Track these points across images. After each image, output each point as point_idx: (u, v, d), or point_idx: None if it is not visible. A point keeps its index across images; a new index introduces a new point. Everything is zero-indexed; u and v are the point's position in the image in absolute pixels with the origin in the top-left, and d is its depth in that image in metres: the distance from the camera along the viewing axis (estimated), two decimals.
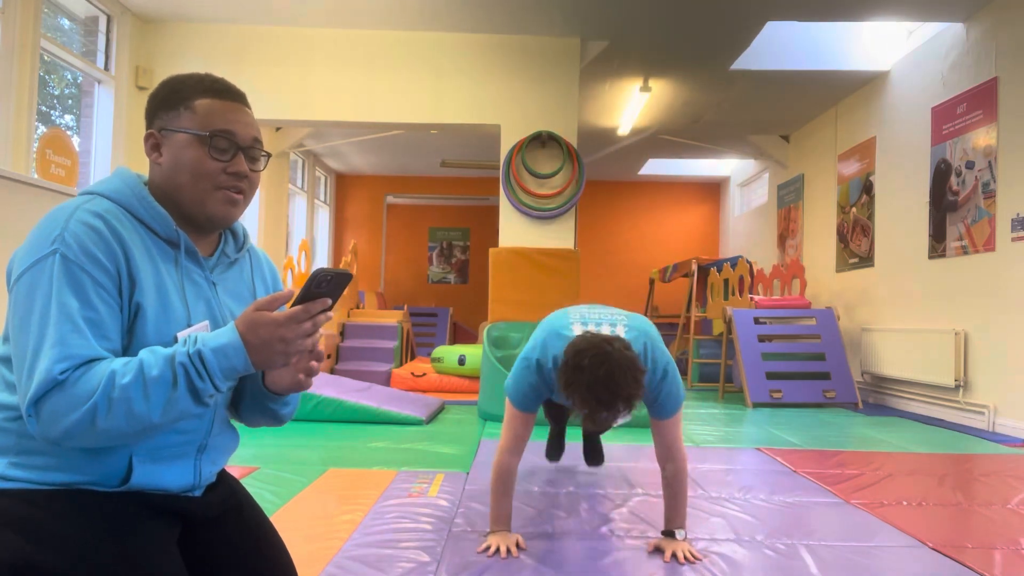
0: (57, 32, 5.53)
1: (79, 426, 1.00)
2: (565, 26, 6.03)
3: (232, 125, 1.19)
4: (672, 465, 2.12)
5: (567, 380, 1.84)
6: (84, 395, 0.99)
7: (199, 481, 1.23)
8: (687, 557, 2.05)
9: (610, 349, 1.82)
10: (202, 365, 1.03)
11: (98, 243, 1.07)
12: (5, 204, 4.11)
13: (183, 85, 1.21)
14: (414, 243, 12.13)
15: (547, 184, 6.29)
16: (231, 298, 1.27)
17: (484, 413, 4.84)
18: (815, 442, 4.24)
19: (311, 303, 1.07)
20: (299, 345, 1.08)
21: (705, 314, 7.90)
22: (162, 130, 1.19)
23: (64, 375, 1.00)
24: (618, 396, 1.78)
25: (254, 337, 1.05)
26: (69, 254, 1.05)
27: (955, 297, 5.46)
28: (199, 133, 1.17)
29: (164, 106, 1.20)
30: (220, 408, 1.26)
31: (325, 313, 1.09)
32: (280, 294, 1.08)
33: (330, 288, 1.08)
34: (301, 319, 1.06)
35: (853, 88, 7.11)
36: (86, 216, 1.08)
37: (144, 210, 1.16)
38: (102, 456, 1.10)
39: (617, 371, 1.78)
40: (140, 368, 1.02)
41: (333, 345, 7.29)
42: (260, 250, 1.41)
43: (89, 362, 1.02)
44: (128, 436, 1.04)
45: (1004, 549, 2.25)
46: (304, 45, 6.20)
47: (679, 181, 11.62)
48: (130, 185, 1.17)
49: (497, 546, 2.07)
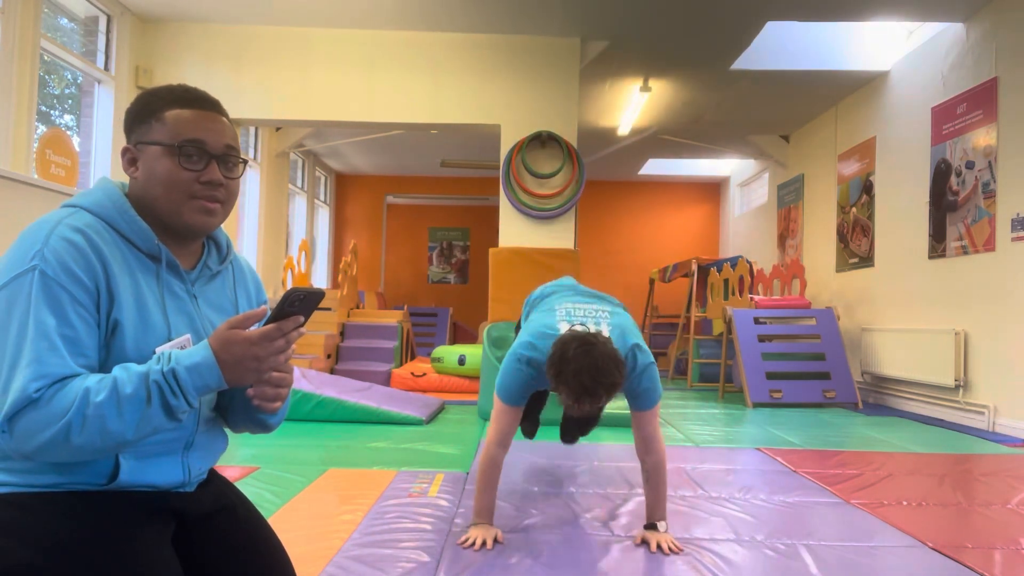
0: (57, 32, 5.53)
1: (53, 443, 1.01)
2: (565, 26, 6.03)
3: (202, 133, 1.18)
4: (651, 458, 2.21)
5: (556, 370, 2.00)
6: (58, 413, 1.00)
7: (189, 478, 1.23)
8: (671, 548, 2.14)
9: (594, 341, 2.00)
10: (176, 383, 1.04)
11: (78, 259, 1.08)
12: (5, 204, 4.11)
13: (154, 97, 1.21)
14: (414, 243, 12.13)
15: (547, 184, 6.29)
16: (213, 310, 1.27)
17: (484, 413, 4.84)
18: (815, 442, 4.24)
19: (284, 321, 1.08)
20: (272, 363, 1.09)
21: (705, 314, 7.90)
22: (137, 144, 1.20)
23: (39, 393, 1.01)
24: (600, 383, 1.95)
25: (227, 355, 1.06)
26: (48, 270, 1.05)
27: (955, 297, 5.46)
28: (168, 144, 1.17)
29: (137, 120, 1.20)
30: (205, 406, 1.25)
31: (298, 330, 1.10)
32: (254, 312, 1.09)
33: (303, 307, 1.09)
34: (274, 337, 1.08)
35: (853, 88, 7.11)
36: (67, 232, 1.09)
37: (126, 224, 1.16)
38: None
39: (600, 360, 1.96)
40: (114, 386, 1.02)
41: (333, 345, 7.29)
42: (244, 260, 1.41)
43: (64, 379, 1.03)
44: (102, 452, 1.05)
45: (1004, 549, 2.25)
46: (304, 45, 6.20)
47: (679, 181, 11.62)
48: (112, 198, 1.17)
49: (475, 538, 2.14)
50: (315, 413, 4.48)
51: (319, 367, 6.64)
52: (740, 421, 5.12)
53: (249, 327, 1.08)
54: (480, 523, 2.22)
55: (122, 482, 1.13)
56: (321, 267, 11.03)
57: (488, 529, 2.20)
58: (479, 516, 2.23)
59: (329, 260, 11.29)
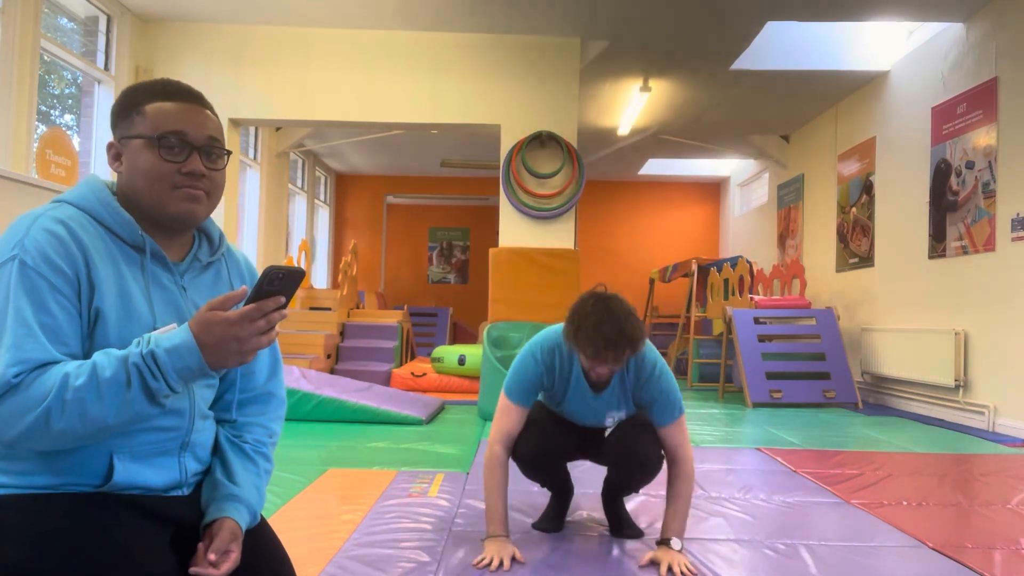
0: (57, 32, 5.53)
1: (34, 428, 1.01)
2: (565, 26, 6.03)
3: (183, 125, 1.19)
4: (676, 467, 2.09)
5: (575, 326, 1.95)
6: (38, 397, 1.00)
7: (185, 478, 1.23)
8: (683, 572, 1.93)
9: (611, 296, 2.00)
10: (155, 365, 1.03)
11: (58, 249, 1.08)
12: (5, 204, 4.11)
13: (136, 92, 1.22)
14: (414, 243, 12.13)
15: (547, 184, 6.29)
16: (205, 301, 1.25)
17: (484, 413, 4.84)
18: (815, 442, 4.24)
19: (264, 301, 1.07)
20: (254, 343, 1.07)
21: (705, 314, 7.90)
22: (121, 139, 1.20)
23: (18, 378, 1.01)
24: (623, 334, 1.91)
25: (208, 337, 1.05)
26: (28, 260, 1.06)
27: (955, 297, 5.46)
28: (149, 136, 1.17)
29: (120, 115, 1.21)
30: (201, 405, 1.25)
31: (280, 311, 1.08)
32: (233, 293, 1.08)
33: (283, 285, 1.08)
34: (254, 317, 1.06)
35: (853, 88, 7.11)
36: (48, 223, 1.10)
37: (109, 216, 1.16)
38: (82, 456, 1.11)
39: (620, 312, 1.94)
40: (93, 370, 1.02)
41: (333, 345, 7.29)
42: (239, 251, 1.41)
43: (43, 365, 1.03)
44: (84, 438, 1.05)
45: (1004, 549, 2.25)
46: (304, 45, 6.20)
47: (679, 181, 11.62)
48: (96, 192, 1.18)
49: (491, 558, 1.98)
50: (315, 413, 4.48)
51: (319, 367, 6.64)
52: (740, 421, 5.12)
53: (229, 308, 1.07)
54: (495, 536, 2.05)
55: (116, 483, 1.13)
56: (321, 267, 11.03)
57: (504, 546, 2.02)
58: (492, 526, 2.07)
59: (329, 260, 11.29)
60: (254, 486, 1.29)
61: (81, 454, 1.10)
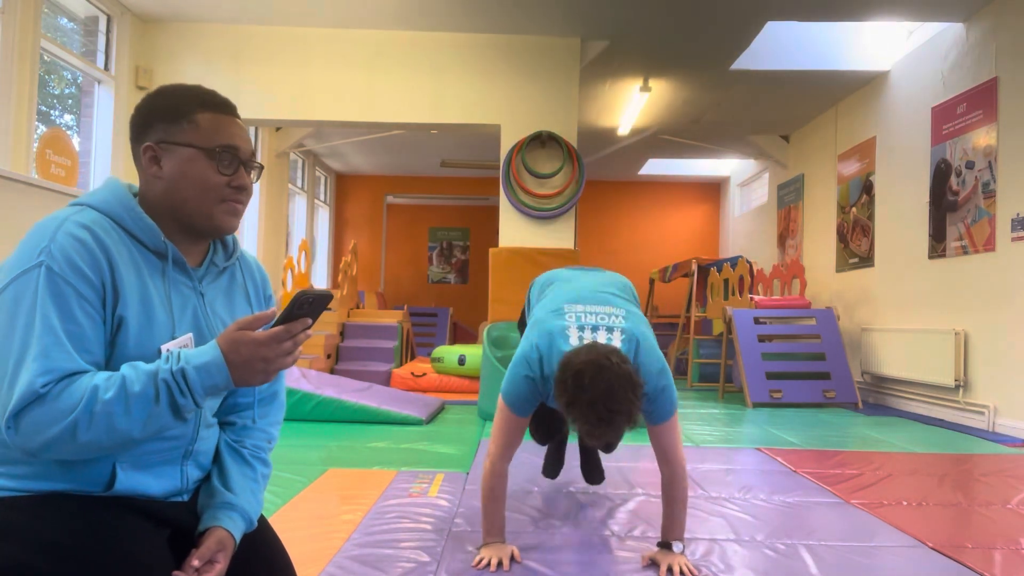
0: (57, 32, 5.53)
1: (59, 439, 1.01)
2: (565, 26, 6.03)
3: (235, 140, 1.21)
4: (668, 470, 2.03)
5: (568, 400, 1.79)
6: (66, 409, 1.00)
7: (186, 485, 1.24)
8: (683, 572, 1.93)
9: (608, 364, 1.78)
10: (184, 382, 1.05)
11: (84, 255, 1.08)
12: (5, 204, 4.11)
13: (181, 99, 1.21)
14: (414, 243, 12.13)
15: (547, 184, 6.29)
16: (221, 307, 1.28)
17: (484, 413, 4.84)
18: (815, 442, 4.23)
19: (292, 324, 1.09)
20: (279, 364, 1.10)
21: (705, 314, 7.90)
22: (161, 143, 1.19)
23: (46, 388, 1.01)
24: (618, 412, 1.75)
25: (236, 356, 1.07)
26: (54, 267, 1.06)
27: (955, 297, 5.46)
28: (206, 148, 1.18)
29: (164, 119, 1.20)
30: (205, 413, 1.26)
31: (305, 332, 1.11)
32: (263, 314, 1.10)
33: (311, 309, 1.10)
34: (283, 339, 1.08)
35: (853, 88, 7.11)
36: (73, 228, 1.09)
37: (132, 221, 1.16)
38: (85, 463, 1.11)
39: (617, 387, 1.75)
40: (122, 383, 1.03)
41: (333, 345, 7.29)
42: (250, 255, 1.42)
43: (71, 375, 1.03)
44: (108, 449, 1.06)
45: (1004, 549, 2.25)
46: (304, 45, 6.20)
47: (679, 181, 11.62)
48: (119, 196, 1.18)
49: (489, 558, 1.98)
50: (315, 413, 4.48)
51: (319, 367, 6.64)
52: (740, 421, 5.12)
53: (258, 328, 1.09)
54: (492, 542, 2.05)
55: (118, 490, 1.13)
56: (321, 267, 11.03)
57: (502, 548, 2.02)
58: (490, 535, 2.06)
59: (329, 260, 11.29)
60: (251, 491, 1.30)
61: (84, 462, 1.10)
